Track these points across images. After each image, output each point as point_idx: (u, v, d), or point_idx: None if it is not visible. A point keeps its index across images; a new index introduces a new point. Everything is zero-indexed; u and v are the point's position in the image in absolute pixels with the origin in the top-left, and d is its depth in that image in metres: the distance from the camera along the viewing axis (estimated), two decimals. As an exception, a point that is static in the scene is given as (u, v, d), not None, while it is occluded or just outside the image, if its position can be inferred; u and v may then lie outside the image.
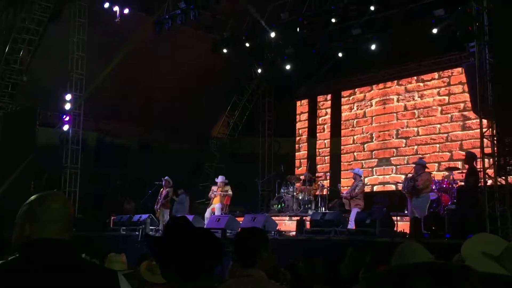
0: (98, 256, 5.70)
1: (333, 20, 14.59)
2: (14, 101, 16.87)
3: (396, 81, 17.60)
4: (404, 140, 17.16)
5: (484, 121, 10.29)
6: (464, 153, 13.85)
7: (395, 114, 17.46)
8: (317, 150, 19.45)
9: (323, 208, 14.65)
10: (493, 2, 10.16)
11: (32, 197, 2.14)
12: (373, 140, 17.89)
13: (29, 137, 15.70)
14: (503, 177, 9.58)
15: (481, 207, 9.69)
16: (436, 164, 15.93)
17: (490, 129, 9.90)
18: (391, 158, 17.34)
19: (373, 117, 17.99)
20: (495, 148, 9.68)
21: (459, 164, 14.55)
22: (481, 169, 10.01)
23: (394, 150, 17.31)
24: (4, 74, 16.50)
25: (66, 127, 15.99)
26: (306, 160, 19.22)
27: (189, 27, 16.45)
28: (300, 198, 15.67)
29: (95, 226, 14.86)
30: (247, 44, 16.63)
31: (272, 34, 15.72)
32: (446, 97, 16.39)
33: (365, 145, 18.13)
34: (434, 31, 13.63)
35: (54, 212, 2.09)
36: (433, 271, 1.77)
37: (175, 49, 17.24)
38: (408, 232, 10.98)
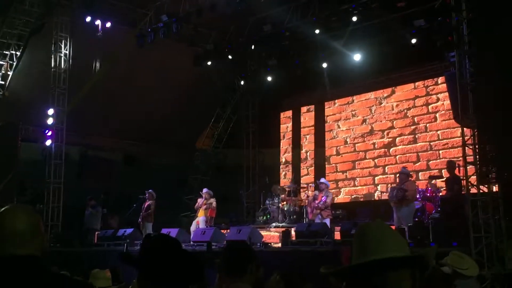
0: (82, 272, 5.64)
1: (317, 31, 14.68)
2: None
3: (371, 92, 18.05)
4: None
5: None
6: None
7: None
8: (301, 160, 19.49)
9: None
10: (472, 12, 10.29)
11: None
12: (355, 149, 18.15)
13: (11, 152, 15.53)
14: (486, 185, 9.65)
15: (465, 215, 9.76)
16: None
17: (472, 138, 9.98)
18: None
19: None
20: (477, 156, 9.77)
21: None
22: (464, 178, 10.08)
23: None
24: (-15, 89, 16.38)
25: (48, 142, 15.79)
26: (290, 171, 19.24)
27: (172, 40, 16.45)
28: (285, 209, 15.65)
29: (79, 242, 14.72)
30: (230, 56, 16.66)
31: (255, 46, 15.79)
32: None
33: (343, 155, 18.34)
34: (414, 41, 13.79)
35: (6, 228, 2.02)
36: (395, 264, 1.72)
37: (158, 62, 17.22)
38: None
